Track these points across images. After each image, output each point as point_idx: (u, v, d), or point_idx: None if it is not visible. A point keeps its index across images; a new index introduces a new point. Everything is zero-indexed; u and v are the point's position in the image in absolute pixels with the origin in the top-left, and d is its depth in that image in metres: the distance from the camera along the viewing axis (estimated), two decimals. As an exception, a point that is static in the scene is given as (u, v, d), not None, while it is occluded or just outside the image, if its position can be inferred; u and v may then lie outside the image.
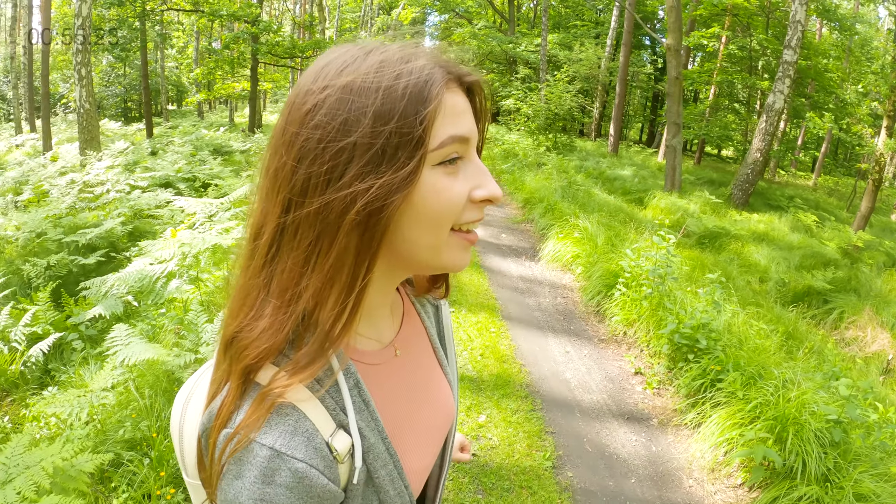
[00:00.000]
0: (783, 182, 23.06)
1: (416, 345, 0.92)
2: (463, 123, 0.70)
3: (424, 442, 0.87)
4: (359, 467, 0.71)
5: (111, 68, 31.81)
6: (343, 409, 0.72)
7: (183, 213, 7.13)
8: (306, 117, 0.67)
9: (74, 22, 11.84)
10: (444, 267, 0.76)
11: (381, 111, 0.65)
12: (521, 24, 33.98)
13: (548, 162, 14.88)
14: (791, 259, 8.92)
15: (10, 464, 2.53)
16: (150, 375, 3.59)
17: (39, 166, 13.02)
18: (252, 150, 15.85)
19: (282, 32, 19.10)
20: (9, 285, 5.93)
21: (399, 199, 0.66)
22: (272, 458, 0.64)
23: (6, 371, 4.48)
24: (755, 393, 3.79)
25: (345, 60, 0.69)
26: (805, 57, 17.61)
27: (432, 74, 0.68)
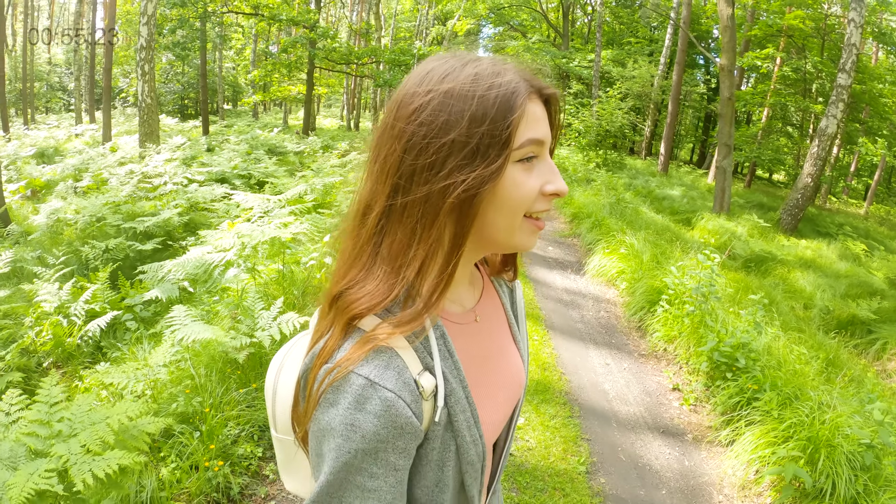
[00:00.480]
0: (834, 209, 22.53)
1: (494, 315, 1.06)
2: (540, 128, 0.84)
3: (497, 399, 0.99)
4: (441, 406, 0.83)
5: (170, 66, 32.70)
6: (430, 353, 0.85)
7: (239, 208, 7.38)
8: (412, 115, 0.81)
9: (140, 20, 12.32)
10: (515, 246, 0.90)
11: (475, 115, 0.79)
12: (575, 39, 33.95)
13: (597, 178, 14.91)
14: (837, 287, 8.78)
15: (76, 419, 2.73)
16: (206, 356, 3.80)
17: (99, 155, 13.54)
18: (306, 152, 16.12)
19: (338, 39, 19.46)
20: (67, 265, 6.29)
21: (488, 188, 0.80)
22: (365, 387, 0.77)
23: (63, 342, 4.76)
24: (790, 413, 3.83)
25: (446, 69, 0.83)
26: (860, 81, 17.20)
27: (518, 87, 0.82)
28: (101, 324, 4.71)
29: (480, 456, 0.90)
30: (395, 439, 0.78)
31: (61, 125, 25.09)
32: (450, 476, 0.88)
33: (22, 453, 2.51)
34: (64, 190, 10.34)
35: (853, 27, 12.34)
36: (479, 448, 0.90)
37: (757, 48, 20.67)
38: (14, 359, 4.54)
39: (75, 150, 15.88)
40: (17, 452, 2.50)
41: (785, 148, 22.30)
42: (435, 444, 0.85)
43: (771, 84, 21.08)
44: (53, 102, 39.64)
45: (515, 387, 1.06)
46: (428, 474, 0.87)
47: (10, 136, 19.57)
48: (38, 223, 7.90)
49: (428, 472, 0.87)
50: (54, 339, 4.76)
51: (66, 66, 39.03)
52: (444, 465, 0.87)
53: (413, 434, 0.80)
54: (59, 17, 49.47)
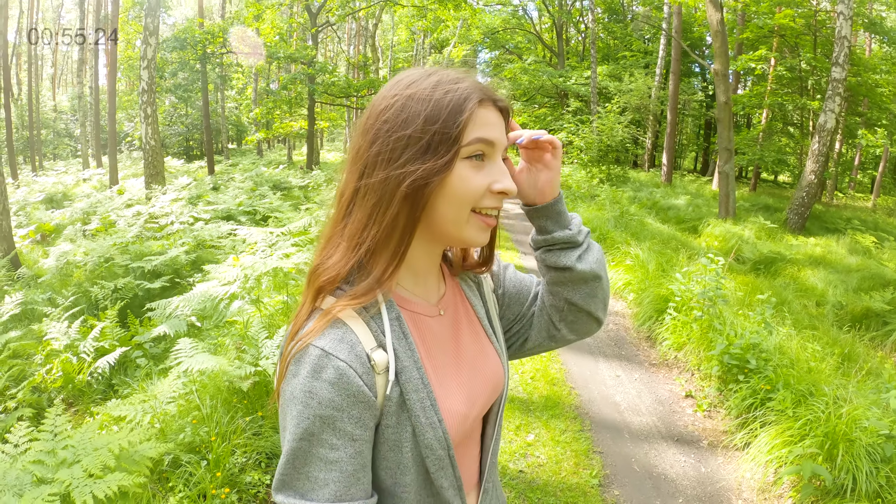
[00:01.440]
0: (841, 204, 22.36)
1: (459, 310, 1.11)
2: (489, 131, 0.93)
3: (466, 392, 1.02)
4: (391, 380, 0.90)
5: (173, 108, 33.10)
6: (383, 332, 0.93)
7: (244, 244, 7.46)
8: (379, 115, 0.92)
9: (140, 64, 12.53)
10: (464, 240, 0.97)
11: (430, 115, 0.89)
12: (571, 57, 34.15)
13: (601, 193, 14.92)
14: (849, 282, 8.69)
15: (79, 447, 2.82)
16: (212, 386, 3.81)
17: (106, 198, 13.70)
18: (310, 186, 16.24)
19: (337, 73, 19.65)
20: (77, 304, 6.34)
21: (437, 180, 0.89)
22: (321, 357, 0.85)
23: (73, 379, 4.79)
24: (805, 410, 3.77)
25: (412, 78, 0.94)
26: (855, 73, 17.23)
27: (470, 93, 0.91)
28: (110, 360, 4.76)
29: (441, 441, 0.93)
30: (350, 407, 0.86)
31: (69, 171, 25.42)
32: (409, 459, 0.93)
33: (28, 481, 2.60)
34: (73, 233, 10.44)
35: (843, 20, 12.34)
36: (438, 433, 0.93)
37: (750, 50, 20.73)
38: (25, 396, 4.58)
39: (83, 195, 16.07)
40: (24, 480, 2.60)
41: (787, 148, 22.22)
42: (390, 420, 0.91)
43: (767, 85, 21.09)
44: (60, 149, 40.15)
45: (491, 380, 1.09)
46: (388, 455, 0.93)
47: (20, 182, 19.87)
48: (48, 266, 7.98)
49: (387, 453, 0.93)
50: (64, 377, 4.78)
51: (71, 112, 39.60)
52: (401, 446, 0.92)
53: (366, 404, 0.87)
54: (63, 66, 50.31)
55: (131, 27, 28.16)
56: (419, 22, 24.78)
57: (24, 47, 34.22)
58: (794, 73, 20.60)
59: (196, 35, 16.98)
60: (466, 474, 1.09)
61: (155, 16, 12.38)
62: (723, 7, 14.05)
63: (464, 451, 1.07)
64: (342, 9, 19.70)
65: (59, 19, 42.38)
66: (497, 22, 35.71)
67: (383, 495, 0.95)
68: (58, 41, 39.17)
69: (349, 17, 24.33)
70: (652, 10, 29.27)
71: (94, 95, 24.91)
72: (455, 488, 0.98)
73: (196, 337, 5.04)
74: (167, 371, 4.57)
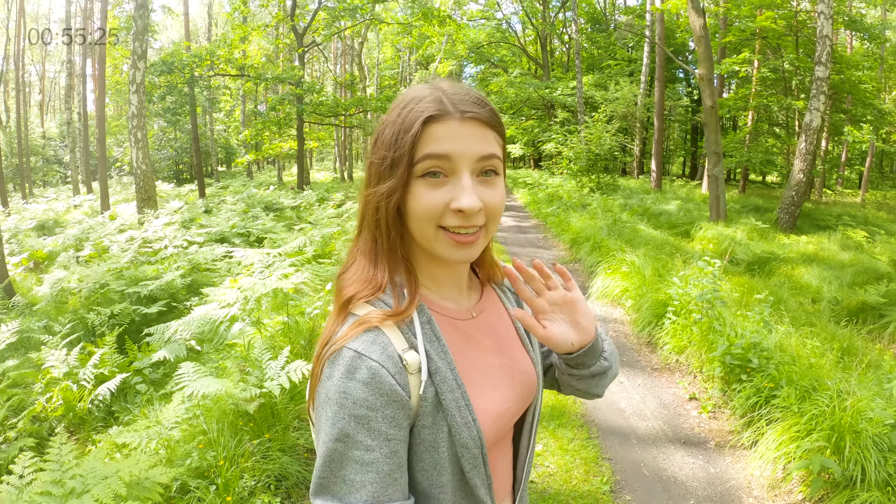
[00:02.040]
0: (830, 201, 22.49)
1: (494, 316, 1.14)
2: (440, 145, 0.92)
3: (498, 392, 1.04)
4: (425, 380, 0.92)
5: (162, 132, 33.09)
6: (414, 334, 0.96)
7: (240, 266, 7.44)
8: (373, 138, 0.99)
9: (129, 89, 12.51)
10: (440, 256, 0.98)
11: (391, 139, 0.94)
12: (556, 68, 34.44)
13: (592, 202, 14.97)
14: (843, 277, 8.75)
15: (88, 476, 2.77)
16: (217, 410, 3.79)
17: (99, 224, 13.66)
18: (302, 206, 16.24)
19: (324, 92, 19.71)
20: (74, 332, 6.30)
21: (396, 198, 0.94)
22: (354, 358, 0.88)
23: (74, 407, 4.75)
24: (810, 406, 3.78)
25: (398, 100, 0.98)
26: (838, 71, 17.40)
27: (423, 111, 0.92)
28: (110, 387, 4.71)
29: (476, 440, 0.95)
30: (384, 407, 0.88)
31: (59, 197, 25.32)
32: (445, 458, 0.94)
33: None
34: (66, 260, 10.38)
35: (823, 19, 12.50)
36: (474, 432, 0.95)
37: (733, 54, 20.91)
38: (26, 426, 4.53)
39: (75, 221, 16.01)
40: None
41: (774, 148, 22.36)
42: (426, 421, 0.93)
43: (752, 87, 21.27)
44: (50, 175, 40.01)
45: (524, 385, 1.10)
46: (424, 456, 0.94)
47: (10, 210, 19.76)
48: (43, 293, 7.92)
49: (424, 454, 0.94)
50: (65, 405, 4.74)
51: (60, 139, 39.55)
52: (437, 447, 0.94)
53: (400, 403, 0.89)
54: (51, 92, 50.26)
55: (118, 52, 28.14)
56: (404, 39, 24.89)
57: (12, 74, 34.16)
58: (778, 74, 20.78)
59: (183, 58, 16.99)
60: (499, 480, 1.10)
61: (143, 40, 12.38)
62: (705, 13, 14.19)
63: (496, 455, 1.08)
64: (328, 28, 19.78)
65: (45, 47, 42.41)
66: (482, 36, 36.06)
67: (420, 498, 0.96)
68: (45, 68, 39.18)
69: (335, 36, 24.42)
70: (634, 18, 29.59)
71: (82, 121, 24.87)
72: (486, 487, 0.99)
73: (196, 361, 5.01)
74: (169, 396, 4.54)
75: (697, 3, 12.92)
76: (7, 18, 31.96)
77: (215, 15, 31.79)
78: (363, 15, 19.46)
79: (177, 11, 27.75)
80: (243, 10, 19.22)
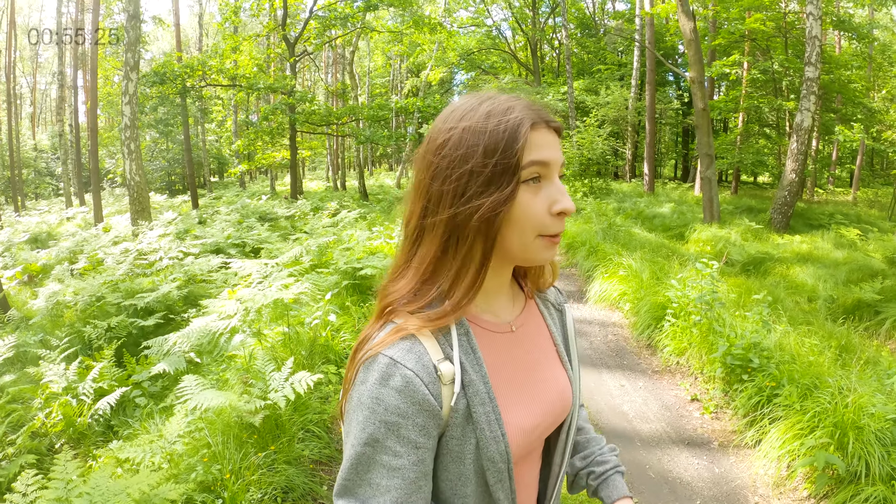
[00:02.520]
0: (822, 200, 22.60)
1: (534, 330, 1.14)
2: (543, 152, 0.95)
3: (531, 408, 1.04)
4: (457, 392, 0.92)
5: (154, 143, 33.00)
6: (450, 345, 0.95)
7: (237, 277, 7.42)
8: (437, 149, 0.95)
9: (122, 100, 12.48)
10: (531, 261, 1.00)
11: (488, 147, 0.91)
12: (546, 74, 34.48)
13: (586, 207, 14.99)
14: (838, 275, 8.80)
15: (95, 493, 2.73)
16: (220, 423, 3.76)
17: (92, 237, 13.59)
18: (297, 216, 16.21)
19: (316, 101, 19.69)
20: (71, 345, 6.25)
21: (504, 210, 0.92)
22: (389, 365, 0.89)
23: (74, 422, 4.72)
24: (812, 403, 3.81)
25: (465, 109, 0.96)
26: (827, 71, 17.55)
27: (523, 119, 0.93)
28: (110, 401, 4.67)
29: (503, 455, 0.95)
30: (415, 415, 0.88)
31: (52, 210, 25.20)
32: (471, 470, 0.95)
33: None
34: (61, 273, 10.34)
35: (812, 20, 12.61)
36: (501, 447, 0.95)
37: (723, 56, 21.03)
38: (25, 442, 4.49)
39: (68, 234, 15.94)
40: None
41: (765, 149, 22.47)
42: (455, 432, 0.94)
43: (742, 89, 21.40)
44: (42, 188, 39.81)
45: (558, 402, 1.10)
46: (450, 466, 0.95)
47: (3, 223, 19.67)
48: (38, 307, 7.90)
49: (450, 464, 0.95)
50: (65, 420, 4.71)
51: (51, 151, 39.40)
52: (464, 458, 0.95)
53: (431, 412, 0.90)
54: (42, 104, 50.09)
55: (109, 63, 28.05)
56: (395, 47, 24.97)
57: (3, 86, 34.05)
58: (768, 76, 20.91)
59: (175, 69, 16.94)
60: (525, 493, 1.11)
61: (135, 51, 12.36)
62: (695, 16, 14.27)
63: (525, 470, 1.09)
64: (319, 38, 19.78)
65: (37, 57, 42.36)
66: (472, 43, 36.09)
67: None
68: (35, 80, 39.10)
69: (326, 45, 24.44)
70: (624, 22, 29.69)
71: (74, 133, 24.77)
72: (509, 500, 1.00)
73: (196, 373, 4.98)
74: (170, 409, 4.52)
75: (687, 7, 12.99)
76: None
77: (206, 25, 31.75)
78: (354, 24, 19.48)
79: (167, 22, 27.70)
80: (234, 21, 19.24)
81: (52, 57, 32.11)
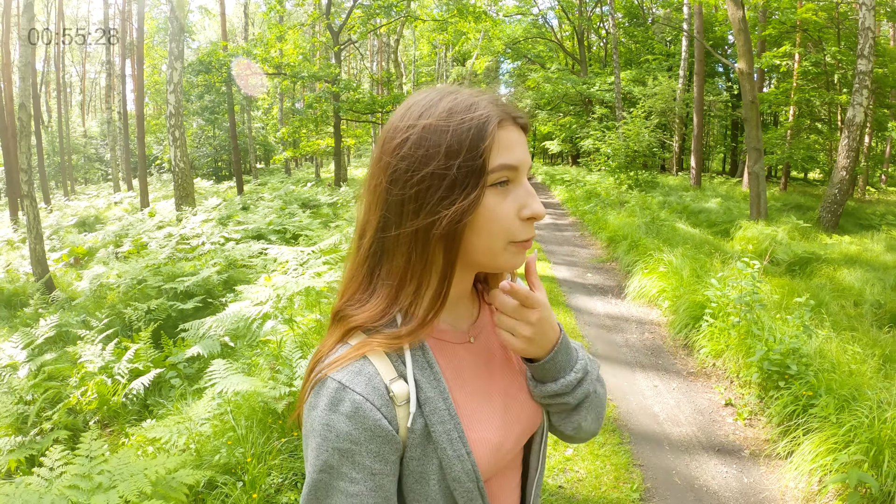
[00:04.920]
0: (874, 200, 21.87)
1: (492, 337, 1.05)
2: (513, 154, 0.87)
3: (499, 421, 0.96)
4: (413, 412, 0.86)
5: (201, 130, 33.59)
6: (404, 362, 0.89)
7: (276, 263, 7.50)
8: (395, 150, 0.87)
9: (167, 88, 12.73)
10: (499, 267, 0.92)
11: (451, 147, 0.84)
12: (593, 64, 34.10)
13: (630, 200, 14.79)
14: (886, 280, 8.48)
15: (115, 472, 2.82)
16: (247, 407, 3.82)
17: (138, 221, 14.00)
18: (339, 203, 16.32)
19: (361, 90, 19.78)
20: (111, 326, 6.43)
21: (469, 217, 0.85)
22: (338, 390, 0.83)
23: (108, 401, 4.85)
24: (848, 416, 3.67)
25: (424, 104, 0.88)
26: (881, 64, 16.88)
27: (489, 116, 0.85)
28: (144, 382, 4.81)
29: (470, 474, 0.89)
30: (367, 441, 0.83)
31: (100, 194, 25.97)
32: (436, 491, 0.89)
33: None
34: (105, 256, 10.62)
35: (865, 10, 12.15)
36: (467, 465, 0.88)
37: (773, 47, 20.46)
38: (61, 417, 4.63)
39: (115, 218, 16.39)
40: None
41: (816, 145, 21.81)
42: (414, 453, 0.87)
43: (793, 81, 20.79)
44: (91, 173, 41.08)
45: (526, 410, 1.03)
46: (414, 487, 0.89)
47: (52, 207, 20.34)
48: (82, 288, 8.12)
49: (414, 485, 0.89)
50: (99, 398, 4.84)
51: (100, 137, 40.53)
52: (427, 479, 0.88)
53: (385, 438, 0.84)
54: (91, 92, 51.40)
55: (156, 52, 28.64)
56: (440, 36, 24.81)
57: (53, 75, 35.02)
58: (820, 68, 20.29)
59: (220, 58, 17.19)
60: (507, 502, 1.05)
61: (179, 40, 12.56)
62: (744, 4, 13.89)
63: (502, 481, 1.03)
64: (363, 26, 19.81)
65: (85, 47, 43.34)
66: (518, 32, 35.86)
67: None
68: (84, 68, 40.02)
69: (371, 33, 24.50)
70: (672, 11, 29.13)
71: (122, 120, 25.43)
72: None
73: (230, 357, 5.08)
74: (201, 392, 4.61)
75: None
76: (47, 21, 32.78)
77: (252, 14, 32.07)
78: (398, 12, 19.48)
79: (213, 12, 28.12)
80: (279, 10, 19.37)
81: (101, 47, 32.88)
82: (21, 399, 4.87)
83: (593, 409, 1.06)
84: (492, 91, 0.94)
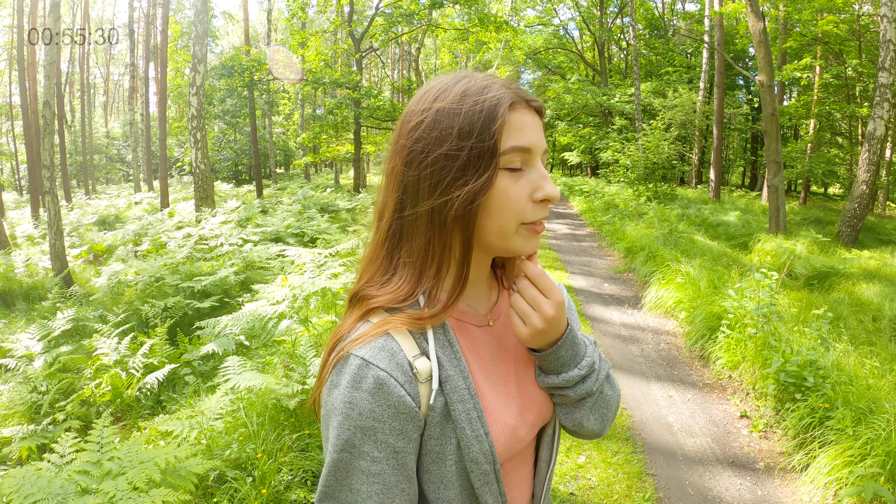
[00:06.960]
0: (894, 215, 21.68)
1: (508, 323, 1.04)
2: (526, 136, 0.88)
3: (515, 403, 0.97)
4: (435, 389, 0.87)
5: (222, 134, 33.86)
6: (426, 340, 0.90)
7: (293, 265, 7.54)
8: (411, 132, 0.90)
9: (189, 91, 12.88)
10: (512, 251, 0.93)
11: (463, 129, 0.86)
12: (614, 75, 34.04)
13: (648, 211, 14.71)
14: (905, 295, 8.41)
15: (125, 459, 2.86)
16: (259, 404, 3.83)
17: (157, 221, 14.17)
18: (357, 209, 16.38)
19: (382, 97, 19.86)
20: (127, 322, 6.51)
21: (482, 198, 0.86)
22: (361, 367, 0.83)
23: (122, 394, 4.89)
24: (865, 429, 3.62)
25: (439, 88, 0.91)
26: (903, 77, 16.74)
27: (501, 98, 0.87)
28: (158, 377, 4.86)
29: (487, 455, 0.89)
30: (391, 419, 0.83)
31: (121, 194, 26.31)
32: (453, 472, 0.89)
33: (72, 490, 2.64)
34: (124, 254, 10.74)
35: (886, 23, 12.01)
36: (485, 446, 0.88)
37: (794, 60, 20.31)
38: (74, 408, 4.68)
39: (135, 217, 16.58)
40: (68, 489, 2.64)
41: (836, 159, 21.59)
42: (433, 431, 0.88)
43: (813, 94, 20.61)
44: (113, 173, 41.63)
45: (541, 396, 1.03)
46: (431, 467, 0.89)
47: (73, 205, 20.63)
48: (100, 285, 8.21)
49: (430, 465, 0.89)
50: (113, 391, 4.88)
51: (123, 138, 41.08)
52: (444, 459, 0.89)
53: (408, 414, 0.84)
54: (115, 94, 52.03)
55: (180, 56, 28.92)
56: (461, 45, 24.87)
57: (77, 76, 35.48)
58: (841, 81, 20.11)
59: (243, 62, 17.36)
60: (517, 494, 1.04)
61: (203, 44, 12.71)
62: (765, 17, 13.82)
63: (515, 468, 1.03)
64: (385, 34, 19.91)
65: (109, 49, 43.94)
66: (539, 42, 35.91)
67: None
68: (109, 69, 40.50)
69: (392, 42, 24.61)
70: (693, 23, 29.02)
71: (145, 122, 25.72)
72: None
73: (244, 355, 5.12)
74: (215, 388, 4.64)
75: (756, 7, 12.56)
76: (73, 23, 33.25)
77: (275, 21, 32.36)
78: (420, 21, 19.55)
79: (237, 17, 28.41)
80: (301, 16, 19.51)
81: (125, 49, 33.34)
82: (35, 388, 4.93)
83: (598, 409, 1.04)
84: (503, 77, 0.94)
